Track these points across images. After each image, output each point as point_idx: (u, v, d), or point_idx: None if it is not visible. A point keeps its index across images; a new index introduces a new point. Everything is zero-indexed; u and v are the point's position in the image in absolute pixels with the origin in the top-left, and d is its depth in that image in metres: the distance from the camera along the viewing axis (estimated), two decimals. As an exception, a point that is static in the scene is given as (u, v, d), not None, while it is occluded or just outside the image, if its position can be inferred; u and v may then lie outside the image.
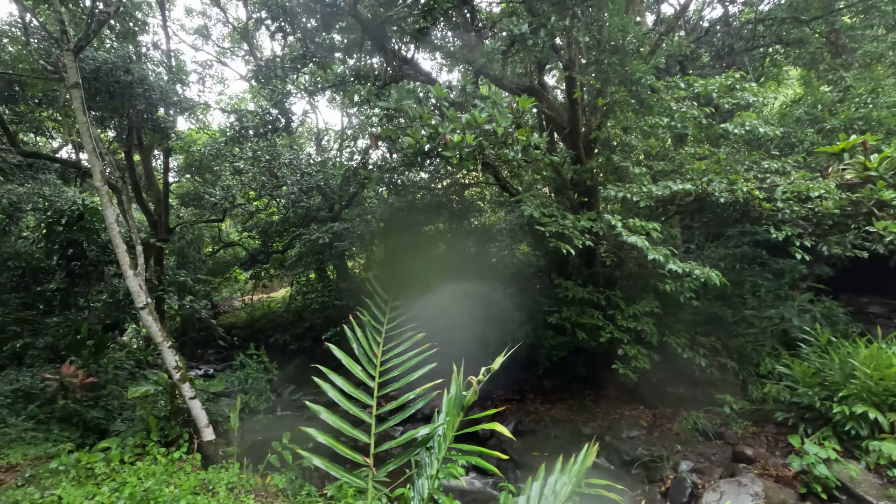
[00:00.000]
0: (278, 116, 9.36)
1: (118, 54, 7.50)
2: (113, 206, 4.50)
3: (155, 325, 4.33)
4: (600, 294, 8.79)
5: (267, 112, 9.16)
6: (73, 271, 9.14)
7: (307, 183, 11.22)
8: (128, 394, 4.69)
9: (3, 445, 4.71)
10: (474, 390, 2.37)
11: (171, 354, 4.45)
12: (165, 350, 4.43)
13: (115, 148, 18.06)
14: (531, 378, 12.39)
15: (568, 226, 6.83)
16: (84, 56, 6.88)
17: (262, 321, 22.65)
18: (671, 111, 7.83)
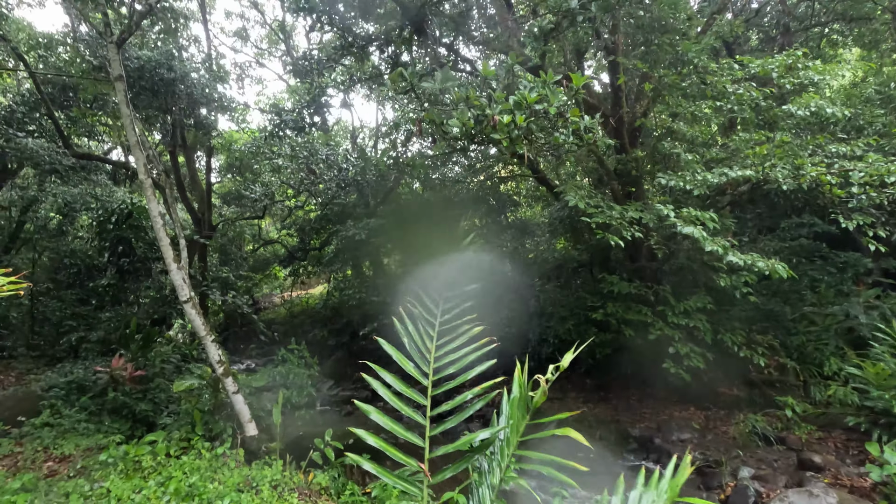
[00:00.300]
0: (315, 111, 9.38)
1: (161, 51, 7.66)
2: (156, 200, 4.53)
3: (198, 319, 4.32)
4: (647, 289, 8.36)
5: (305, 105, 9.18)
6: (122, 268, 9.44)
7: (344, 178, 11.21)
8: (173, 388, 4.73)
9: (57, 436, 4.85)
10: (543, 391, 2.14)
11: (215, 349, 4.45)
12: (209, 344, 4.41)
13: (161, 150, 18.75)
14: (573, 376, 12.01)
15: (615, 217, 6.48)
16: (129, 55, 7.05)
17: (300, 317, 23.05)
18: (726, 93, 7.32)
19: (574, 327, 9.52)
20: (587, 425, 9.62)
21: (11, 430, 5.15)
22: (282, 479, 3.80)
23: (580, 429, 8.54)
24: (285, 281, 26.24)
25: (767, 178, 6.33)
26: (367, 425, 10.00)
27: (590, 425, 9.60)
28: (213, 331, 4.60)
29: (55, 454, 4.47)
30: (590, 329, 9.64)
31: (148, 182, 4.60)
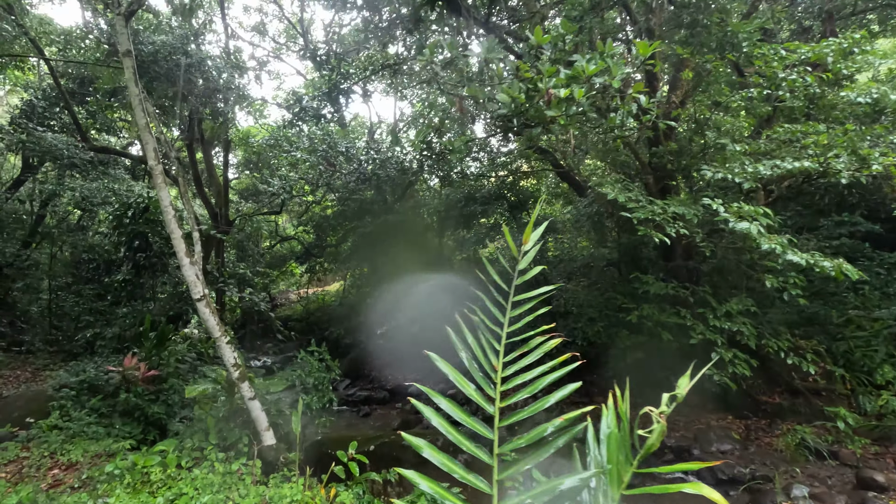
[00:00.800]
0: (335, 98, 9.07)
1: (176, 35, 7.39)
2: (167, 189, 4.22)
3: (212, 318, 3.98)
4: (685, 290, 7.83)
5: (325, 92, 8.85)
6: (138, 263, 9.24)
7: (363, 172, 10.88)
8: (185, 393, 4.43)
9: (65, 440, 4.58)
10: (661, 429, 1.70)
11: (230, 350, 4.11)
12: (223, 346, 4.08)
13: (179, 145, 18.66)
14: (599, 380, 11.50)
15: (657, 212, 5.99)
16: (143, 39, 6.80)
17: (317, 314, 22.84)
18: (776, 79, 6.76)
19: (604, 329, 9.03)
20: (617, 433, 9.14)
21: (19, 432, 4.91)
22: (302, 500, 3.45)
23: None
24: (301, 278, 26.11)
25: (827, 170, 5.79)
26: (385, 429, 9.55)
27: (620, 433, 9.11)
28: (230, 329, 4.29)
29: (62, 461, 4.20)
30: (620, 331, 9.15)
31: (158, 169, 4.29)
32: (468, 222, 14.05)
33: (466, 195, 13.59)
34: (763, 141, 7.92)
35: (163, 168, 4.27)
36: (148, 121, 4.10)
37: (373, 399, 12.92)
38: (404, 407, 12.39)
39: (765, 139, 8.05)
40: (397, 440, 6.42)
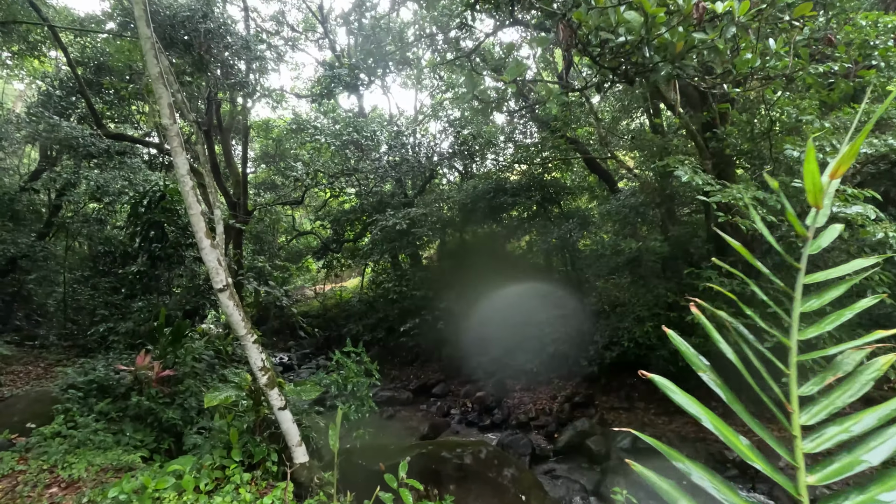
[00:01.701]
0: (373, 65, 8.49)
1: (195, -2, 6.84)
2: (184, 155, 3.59)
3: (237, 312, 3.33)
4: (754, 287, 7.02)
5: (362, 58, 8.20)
6: (154, 254, 8.72)
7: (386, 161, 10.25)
8: (205, 402, 3.82)
9: (68, 450, 4.01)
10: None
11: (257, 351, 3.47)
12: (249, 345, 3.46)
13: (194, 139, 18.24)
14: (639, 384, 10.73)
15: (737, 196, 5.23)
16: (159, 3, 6.26)
17: (334, 311, 22.35)
18: (867, 47, 5.92)
19: (653, 329, 8.27)
20: (667, 442, 8.36)
21: (18, 439, 4.36)
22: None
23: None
24: (318, 273, 25.68)
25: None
26: (412, 432, 8.55)
27: (670, 442, 8.34)
28: (256, 328, 3.66)
29: (62, 476, 3.63)
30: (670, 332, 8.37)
31: (174, 129, 3.65)
32: (496, 215, 13.32)
33: (495, 186, 12.86)
34: (846, 117, 7.07)
35: (179, 131, 3.63)
36: (162, 70, 3.48)
37: (396, 400, 12.30)
38: (429, 409, 11.74)
39: (847, 115, 7.19)
40: (435, 451, 5.73)
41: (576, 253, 13.05)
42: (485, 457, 5.73)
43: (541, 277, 16.61)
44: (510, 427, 9.60)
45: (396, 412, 11.58)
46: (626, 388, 10.74)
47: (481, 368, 13.20)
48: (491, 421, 9.83)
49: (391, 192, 17.88)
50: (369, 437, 9.60)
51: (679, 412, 9.60)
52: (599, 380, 11.00)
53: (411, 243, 16.22)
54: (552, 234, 10.56)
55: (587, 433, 8.25)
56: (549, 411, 10.36)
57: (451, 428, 9.85)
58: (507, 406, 10.92)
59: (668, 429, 8.90)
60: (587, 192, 16.15)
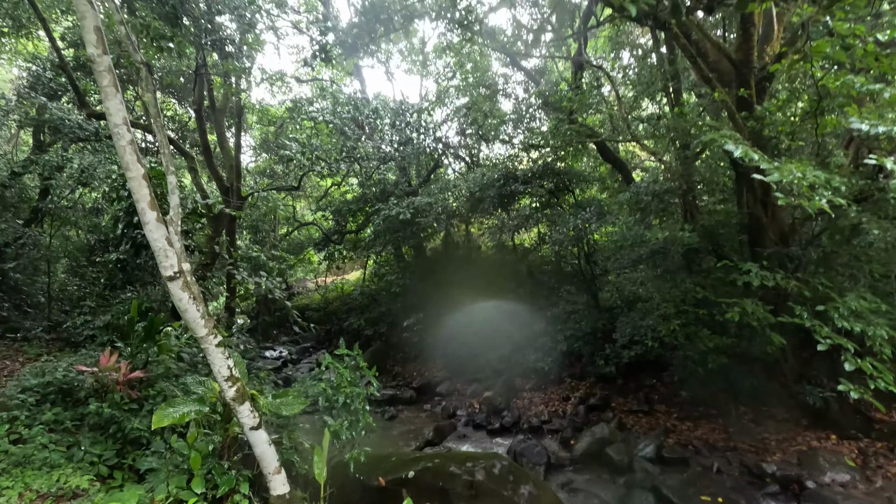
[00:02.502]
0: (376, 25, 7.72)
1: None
2: (118, 97, 2.85)
3: (194, 307, 2.63)
4: (800, 282, 6.28)
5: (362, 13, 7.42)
6: (136, 241, 8.03)
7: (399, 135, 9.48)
8: (154, 419, 3.12)
9: (5, 469, 3.33)
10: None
11: (222, 357, 2.75)
12: (212, 350, 2.74)
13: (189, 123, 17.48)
14: (659, 385, 10.02)
15: (797, 176, 4.47)
16: None
17: (335, 304, 21.73)
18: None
19: (681, 328, 7.53)
20: (694, 452, 7.66)
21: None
22: None
23: (688, 456, 6.31)
24: (319, 265, 25.03)
25: None
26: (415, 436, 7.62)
27: (697, 451, 7.63)
28: (221, 327, 2.97)
29: (-11, 506, 2.97)
30: (700, 330, 7.63)
31: (104, 62, 2.90)
32: (506, 204, 12.56)
33: (505, 174, 12.10)
34: None
35: (111, 65, 2.89)
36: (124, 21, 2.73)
37: (398, 399, 11.64)
38: (433, 409, 11.07)
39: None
40: (443, 465, 5.04)
41: (591, 245, 12.29)
42: (499, 472, 5.03)
43: (551, 271, 15.89)
44: (521, 431, 8.91)
45: (399, 412, 10.92)
46: (644, 389, 10.04)
47: (488, 366, 12.51)
48: (500, 424, 9.14)
49: (395, 181, 17.16)
50: (370, 438, 8.96)
51: (705, 416, 8.88)
52: (616, 380, 10.29)
53: (415, 234, 15.51)
54: (567, 225, 9.80)
55: (606, 440, 7.55)
56: (563, 414, 9.67)
57: (457, 431, 9.18)
58: (517, 407, 10.23)
59: (693, 436, 8.19)
60: (598, 182, 15.38)
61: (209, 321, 2.73)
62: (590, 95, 10.98)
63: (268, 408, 3.34)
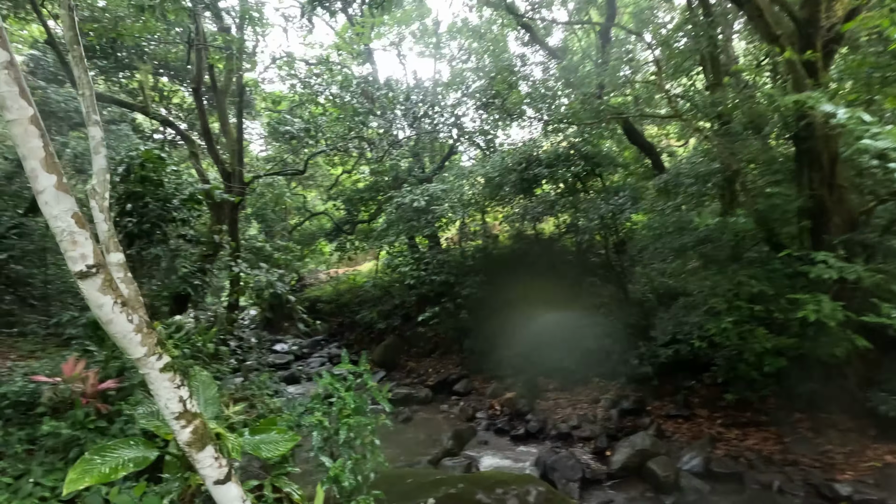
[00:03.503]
0: None
1: None
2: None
3: (123, 318, 1.83)
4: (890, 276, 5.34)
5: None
6: (129, 231, 7.37)
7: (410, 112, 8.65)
8: (67, 481, 2.39)
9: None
10: None
11: (169, 386, 1.96)
12: (155, 377, 1.91)
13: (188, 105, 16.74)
14: (699, 387, 9.11)
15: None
16: None
17: (347, 296, 21.09)
18: None
19: (733, 326, 6.62)
20: (746, 465, 6.78)
21: None
22: None
23: (740, 470, 5.13)
24: (331, 256, 24.41)
25: None
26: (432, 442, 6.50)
27: (751, 465, 6.76)
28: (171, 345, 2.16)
29: None
30: (755, 329, 6.71)
31: None
32: (528, 189, 11.67)
33: (527, 157, 11.20)
34: None
35: None
36: None
37: (413, 398, 10.92)
38: (451, 410, 10.33)
39: None
40: (468, 491, 4.27)
41: (622, 233, 11.36)
42: (534, 501, 4.23)
43: (574, 261, 14.98)
44: (549, 438, 8.12)
45: (414, 413, 10.20)
46: (682, 391, 9.14)
47: (509, 363, 11.71)
48: (525, 430, 8.36)
49: (408, 168, 16.35)
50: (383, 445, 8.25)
51: (754, 424, 7.97)
52: (650, 381, 9.41)
53: (430, 223, 14.69)
54: (597, 211, 8.91)
55: (648, 451, 6.71)
56: (594, 418, 8.84)
57: (477, 437, 8.42)
58: (542, 410, 9.43)
59: (744, 446, 7.31)
60: (622, 168, 14.40)
61: (148, 336, 1.96)
62: (620, 68, 10.01)
63: (242, 449, 2.57)
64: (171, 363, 1.99)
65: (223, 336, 7.79)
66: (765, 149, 8.04)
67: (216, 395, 2.89)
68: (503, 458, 7.34)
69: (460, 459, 6.97)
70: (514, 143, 15.40)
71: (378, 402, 3.31)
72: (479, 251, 17.12)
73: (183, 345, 5.53)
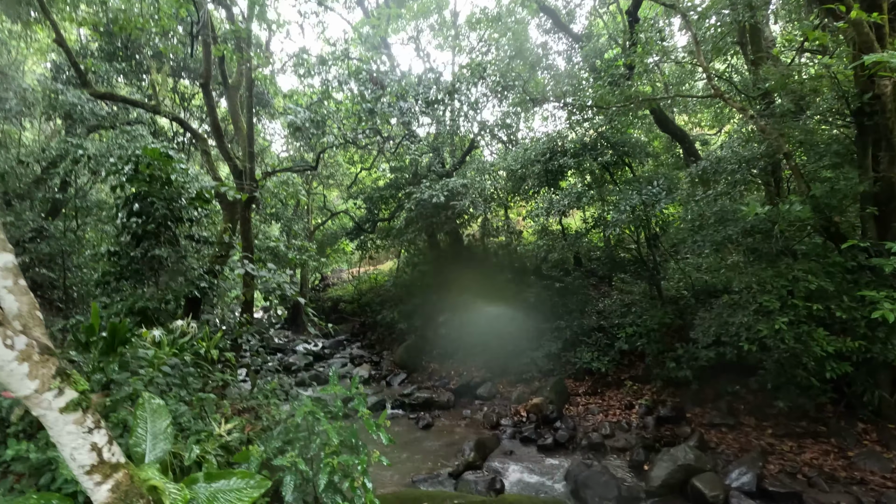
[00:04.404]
0: None
1: None
2: None
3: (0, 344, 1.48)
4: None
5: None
6: (135, 232, 7.10)
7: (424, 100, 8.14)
8: None
9: None
10: None
11: (75, 431, 1.51)
12: (53, 420, 1.53)
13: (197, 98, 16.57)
14: (745, 392, 8.34)
15: None
16: None
17: (368, 295, 20.82)
18: None
19: (788, 327, 5.88)
20: (806, 483, 6.03)
21: None
22: None
23: (800, 490, 4.48)
24: (352, 255, 24.20)
25: None
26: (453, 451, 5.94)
27: (811, 483, 6.00)
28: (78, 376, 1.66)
29: None
30: (814, 330, 5.95)
31: None
32: (553, 181, 11.01)
33: (551, 147, 10.55)
34: None
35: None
36: None
37: (434, 403, 10.43)
38: (473, 416, 9.78)
39: None
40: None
41: (656, 226, 10.61)
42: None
43: (601, 258, 14.23)
44: (579, 448, 7.50)
45: (435, 419, 9.71)
46: (725, 397, 8.39)
47: (534, 365, 11.11)
48: (553, 439, 7.75)
49: (427, 163, 15.87)
50: (401, 455, 7.80)
51: (810, 435, 7.16)
52: (689, 385, 8.67)
53: (450, 219, 14.19)
54: (630, 201, 8.21)
55: (692, 467, 6.03)
56: (628, 426, 8.18)
57: (501, 446, 7.86)
58: (572, 417, 8.81)
59: (801, 460, 6.55)
60: (651, 158, 13.56)
61: (41, 364, 1.50)
62: (652, 48, 9.25)
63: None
64: (77, 400, 1.54)
65: (234, 339, 7.45)
66: (819, 128, 7.22)
67: (169, 427, 2.43)
68: (530, 471, 6.76)
69: (483, 473, 6.43)
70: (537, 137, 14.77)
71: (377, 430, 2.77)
72: (502, 247, 16.54)
73: (182, 352, 5.17)
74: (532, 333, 11.78)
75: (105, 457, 1.60)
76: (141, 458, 2.13)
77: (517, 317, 12.36)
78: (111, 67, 13.93)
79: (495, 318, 12.66)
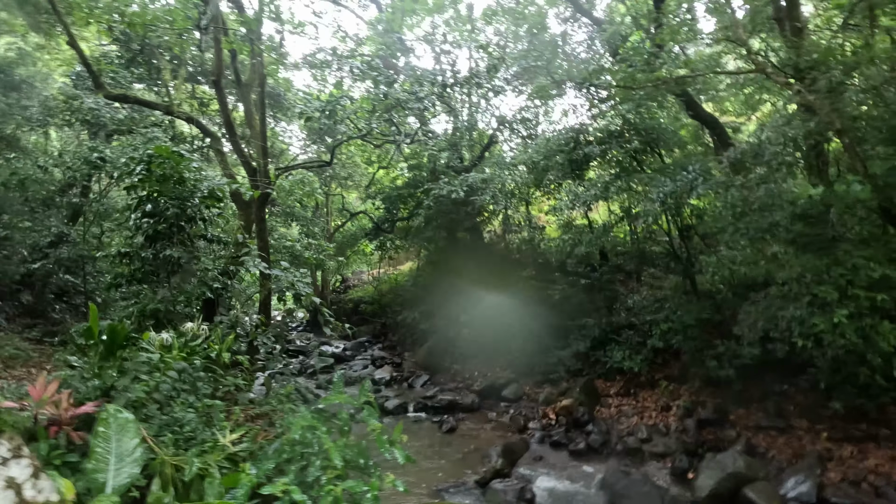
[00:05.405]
0: None
1: None
2: None
3: None
4: None
5: None
6: (147, 232, 6.92)
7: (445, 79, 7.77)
8: None
9: None
10: None
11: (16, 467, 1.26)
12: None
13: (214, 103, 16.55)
14: (794, 392, 7.70)
15: None
16: None
17: (389, 296, 20.57)
18: None
19: (848, 321, 5.30)
20: (874, 492, 5.43)
21: None
22: None
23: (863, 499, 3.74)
24: (372, 256, 24.04)
25: None
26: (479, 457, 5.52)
27: (879, 493, 5.41)
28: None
29: None
30: (879, 324, 5.35)
31: None
32: (577, 172, 10.50)
33: (575, 137, 10.06)
34: None
35: None
36: None
37: (458, 405, 10.05)
38: (500, 419, 9.36)
39: None
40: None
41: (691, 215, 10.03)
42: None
43: (628, 252, 13.62)
44: (614, 453, 7.02)
45: (459, 422, 9.33)
46: (773, 397, 7.76)
47: (562, 365, 10.60)
48: (586, 443, 7.28)
49: (447, 160, 15.52)
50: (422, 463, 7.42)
51: (872, 439, 6.49)
52: (731, 385, 8.05)
53: (470, 215, 13.81)
54: (663, 189, 7.68)
55: (741, 476, 5.50)
56: (666, 430, 7.64)
57: (530, 451, 7.43)
58: (604, 420, 8.31)
59: (864, 467, 5.93)
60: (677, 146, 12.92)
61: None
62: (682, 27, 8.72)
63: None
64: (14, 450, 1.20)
65: (250, 341, 7.21)
66: (873, 105, 6.58)
67: (138, 447, 2.13)
68: (562, 479, 6.31)
69: (512, 482, 6.01)
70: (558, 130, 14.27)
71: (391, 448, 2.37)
72: (524, 243, 16.05)
73: (193, 355, 4.90)
74: (558, 332, 11.28)
75: (27, 496, 1.27)
76: (100, 487, 1.81)
77: (542, 315, 11.87)
78: (130, 74, 14.00)
79: (519, 317, 12.20)
